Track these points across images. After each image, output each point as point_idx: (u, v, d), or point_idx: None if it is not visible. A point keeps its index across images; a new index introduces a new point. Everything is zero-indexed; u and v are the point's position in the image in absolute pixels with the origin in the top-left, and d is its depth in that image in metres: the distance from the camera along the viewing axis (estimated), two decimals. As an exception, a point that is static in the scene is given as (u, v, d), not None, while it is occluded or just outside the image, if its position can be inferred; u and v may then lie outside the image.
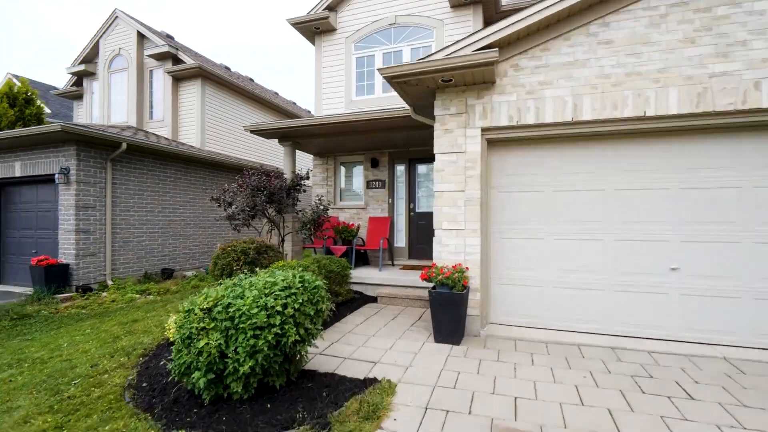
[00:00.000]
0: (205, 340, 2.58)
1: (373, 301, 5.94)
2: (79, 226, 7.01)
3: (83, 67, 12.21)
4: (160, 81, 11.45)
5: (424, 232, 7.82)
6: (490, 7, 7.39)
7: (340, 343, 4.05)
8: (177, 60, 11.21)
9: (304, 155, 13.51)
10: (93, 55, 12.30)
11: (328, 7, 8.22)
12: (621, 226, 4.18)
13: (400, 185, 8.11)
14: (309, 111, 17.73)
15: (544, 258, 4.45)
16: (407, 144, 7.53)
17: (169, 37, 12.28)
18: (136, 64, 11.45)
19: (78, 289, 6.90)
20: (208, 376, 2.58)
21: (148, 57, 11.38)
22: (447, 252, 4.46)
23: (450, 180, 4.47)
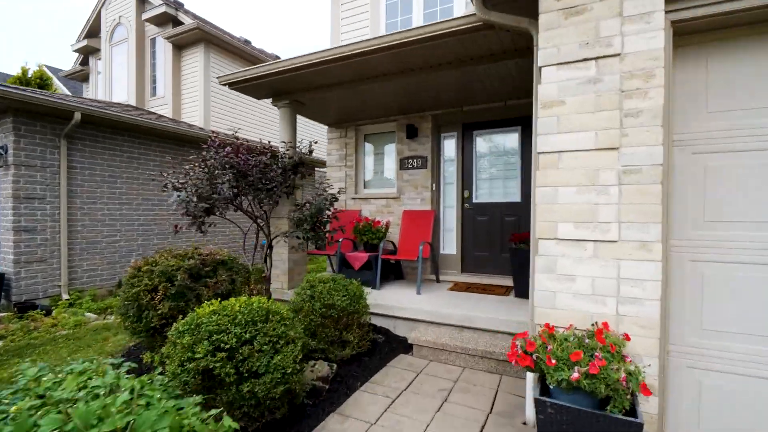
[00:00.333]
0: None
1: (406, 352, 3.55)
2: (20, 223, 5.30)
3: (86, 43, 10.91)
4: (162, 51, 9.76)
5: (487, 232, 5.26)
6: None
7: None
8: (177, 23, 9.42)
9: (317, 127, 11.26)
10: (96, 28, 10.94)
11: None
12: None
13: (449, 164, 5.57)
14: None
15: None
16: (460, 99, 4.97)
17: None
18: (136, 32, 9.84)
19: (16, 306, 5.21)
20: None
21: (147, 22, 9.71)
22: (569, 292, 1.94)
23: (579, 124, 1.92)
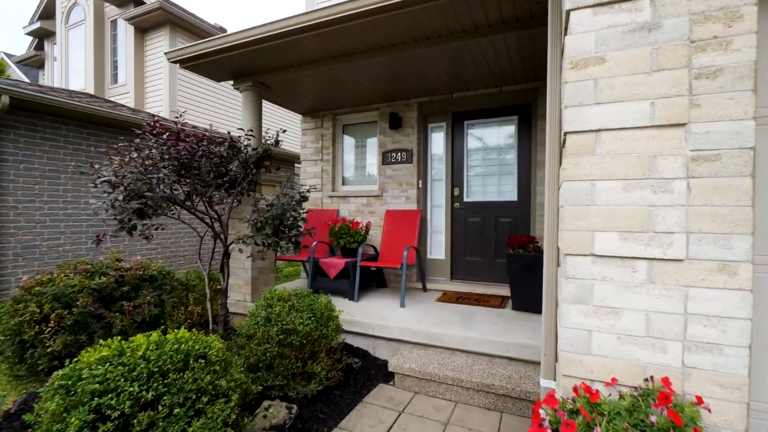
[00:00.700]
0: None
1: (387, 380, 2.95)
2: (-66, 224, 4.50)
3: (39, 25, 9.92)
4: (123, 35, 8.88)
5: (479, 235, 4.70)
6: None
7: None
8: (139, 2, 8.56)
9: (291, 116, 10.67)
10: (51, 8, 9.95)
11: None
12: None
13: (437, 159, 4.99)
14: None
15: None
16: (450, 84, 4.40)
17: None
18: (94, 13, 8.93)
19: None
20: None
21: (106, 2, 8.80)
22: (611, 333, 1.35)
23: (626, 91, 1.32)
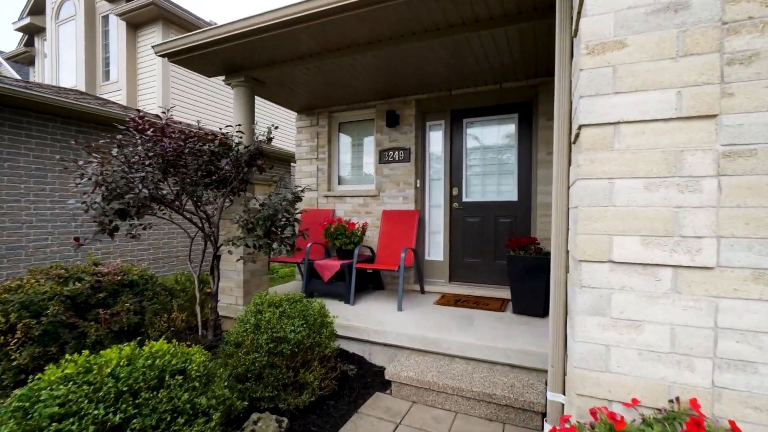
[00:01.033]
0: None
1: (384, 389, 2.82)
2: None
3: (29, 20, 9.71)
4: (115, 30, 8.69)
5: (478, 236, 4.58)
6: None
7: None
8: (131, -2, 8.37)
9: (286, 113, 10.44)
10: (41, 3, 9.74)
11: None
12: None
13: (435, 158, 4.86)
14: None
15: None
16: (448, 81, 4.26)
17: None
18: (85, 8, 8.73)
19: None
20: None
21: (97, -3, 8.63)
22: (632, 348, 1.22)
23: (649, 78, 1.19)
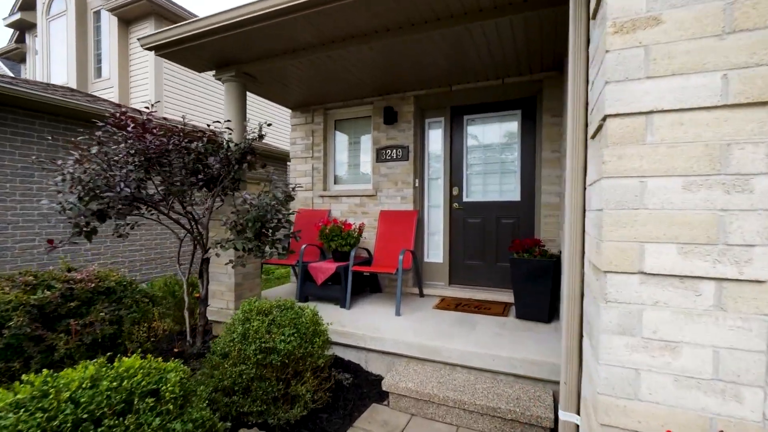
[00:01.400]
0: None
1: (381, 399, 2.66)
2: None
3: (20, 16, 9.51)
4: (107, 26, 8.50)
5: (479, 237, 4.42)
6: None
7: None
8: (123, -7, 8.18)
9: (280, 110, 10.25)
10: (32, -1, 9.55)
11: None
12: None
13: (435, 156, 4.70)
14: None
15: None
16: (449, 75, 4.10)
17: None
18: (76, 4, 8.54)
19: None
20: None
21: (88, -8, 8.44)
22: (666, 373, 1.05)
23: (688, 60, 1.01)
